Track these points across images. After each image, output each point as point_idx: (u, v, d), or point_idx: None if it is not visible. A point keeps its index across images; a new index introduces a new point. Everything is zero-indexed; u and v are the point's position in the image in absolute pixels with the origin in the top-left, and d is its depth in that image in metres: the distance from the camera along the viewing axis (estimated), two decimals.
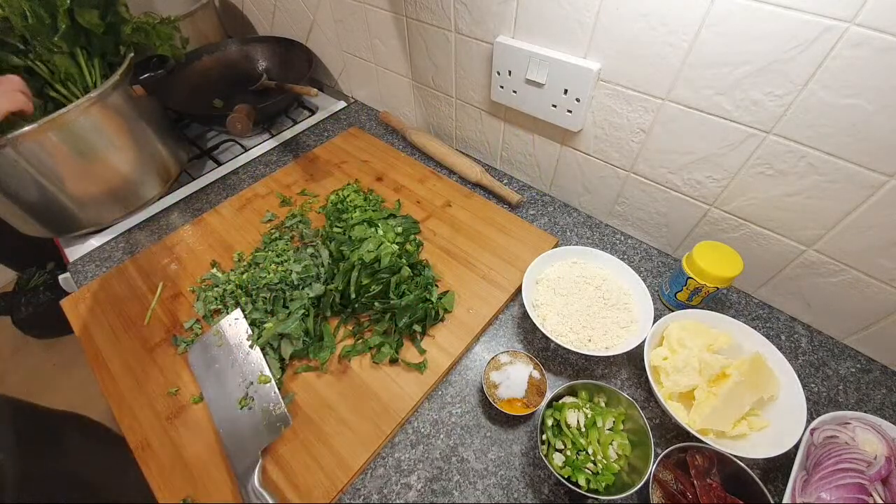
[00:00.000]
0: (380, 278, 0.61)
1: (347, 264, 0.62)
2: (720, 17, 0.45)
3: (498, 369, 0.54)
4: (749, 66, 0.46)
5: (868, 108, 0.42)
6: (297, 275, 0.64)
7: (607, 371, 0.58)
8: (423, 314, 0.59)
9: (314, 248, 0.69)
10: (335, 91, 1.10)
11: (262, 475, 0.48)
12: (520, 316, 0.64)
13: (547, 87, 0.63)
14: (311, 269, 0.65)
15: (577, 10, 0.54)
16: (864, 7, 0.38)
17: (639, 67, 0.54)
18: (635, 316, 0.58)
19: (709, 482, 0.43)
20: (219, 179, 0.87)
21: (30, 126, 0.59)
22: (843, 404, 0.54)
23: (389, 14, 0.78)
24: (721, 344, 0.53)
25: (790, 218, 0.54)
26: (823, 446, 0.46)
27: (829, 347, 0.59)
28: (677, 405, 0.52)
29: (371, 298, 0.60)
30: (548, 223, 0.76)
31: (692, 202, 0.61)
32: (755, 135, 0.50)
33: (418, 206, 0.77)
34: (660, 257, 0.70)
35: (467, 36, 0.69)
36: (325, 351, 0.58)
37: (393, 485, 0.50)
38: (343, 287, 0.61)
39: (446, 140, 0.91)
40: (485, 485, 0.49)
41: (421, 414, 0.55)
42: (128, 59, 0.71)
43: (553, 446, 0.48)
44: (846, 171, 0.46)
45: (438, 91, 0.83)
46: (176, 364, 0.59)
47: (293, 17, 1.02)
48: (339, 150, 0.90)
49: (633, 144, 0.61)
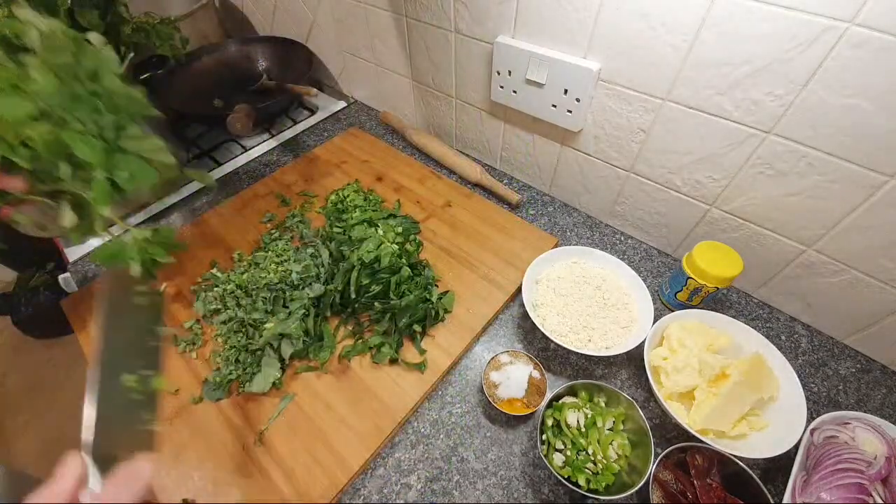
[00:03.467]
0: (380, 278, 0.61)
1: (347, 264, 0.62)
2: (720, 18, 0.45)
3: (498, 369, 0.54)
4: (749, 67, 0.46)
5: (868, 108, 0.42)
6: (298, 275, 0.64)
7: (607, 371, 0.58)
8: (422, 314, 0.59)
9: (314, 247, 0.69)
10: (335, 91, 1.10)
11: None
12: (520, 316, 0.64)
13: (547, 87, 0.62)
14: (312, 269, 0.65)
15: (577, 10, 0.54)
16: (864, 7, 0.38)
17: (639, 67, 0.54)
18: (635, 316, 0.58)
19: (709, 482, 0.43)
20: (218, 179, 0.87)
21: None
22: (843, 404, 0.54)
23: (389, 14, 0.78)
24: (721, 344, 0.53)
25: (790, 218, 0.54)
26: (823, 446, 0.46)
27: (829, 347, 0.59)
28: (677, 405, 0.52)
29: (371, 298, 0.60)
30: (548, 223, 0.76)
31: (692, 202, 0.61)
32: (755, 135, 0.50)
33: (418, 206, 0.77)
34: (660, 257, 0.70)
35: (467, 36, 0.69)
36: (325, 351, 0.58)
37: (393, 485, 0.50)
38: (343, 287, 0.61)
39: (446, 140, 0.91)
40: (485, 485, 0.49)
41: (421, 414, 0.55)
42: (128, 59, 0.71)
43: (553, 446, 0.48)
44: (846, 171, 0.46)
45: (438, 91, 0.83)
46: (176, 364, 0.59)
47: (293, 17, 1.02)
48: (339, 150, 0.90)
49: (633, 144, 0.61)
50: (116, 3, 0.71)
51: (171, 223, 0.79)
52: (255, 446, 0.52)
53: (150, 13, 0.82)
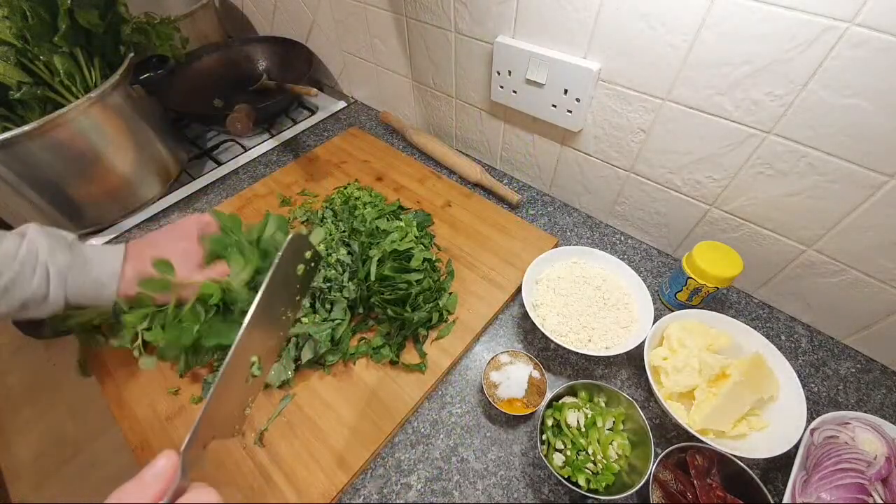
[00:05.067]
0: (402, 267, 0.59)
1: (377, 249, 0.60)
2: (720, 18, 0.45)
3: (498, 369, 0.54)
4: (749, 67, 0.46)
5: (868, 108, 0.42)
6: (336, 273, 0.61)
7: (607, 371, 0.58)
8: (428, 318, 0.59)
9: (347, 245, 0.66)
10: (335, 91, 1.10)
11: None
12: (520, 316, 0.64)
13: (547, 87, 0.62)
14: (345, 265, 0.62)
15: (577, 10, 0.54)
16: (864, 7, 0.38)
17: (639, 67, 0.54)
18: (635, 316, 0.58)
19: (709, 482, 0.43)
20: (219, 179, 0.87)
21: (29, 126, 0.59)
22: (843, 404, 0.54)
23: (389, 14, 0.78)
24: (721, 344, 0.53)
25: (790, 218, 0.54)
26: (823, 446, 0.46)
27: (829, 347, 0.59)
28: (677, 405, 0.52)
29: (385, 302, 0.58)
30: (548, 223, 0.76)
31: (692, 202, 0.61)
32: (755, 135, 0.50)
33: (418, 206, 0.77)
34: (660, 257, 0.70)
35: (467, 36, 0.69)
36: (335, 356, 0.57)
37: (393, 485, 0.50)
38: (364, 275, 0.59)
39: (446, 140, 0.91)
40: (485, 485, 0.49)
41: (421, 414, 0.55)
42: (128, 59, 0.71)
43: (553, 446, 0.48)
44: (846, 171, 0.46)
45: (438, 91, 0.83)
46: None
47: (293, 17, 1.02)
48: (339, 150, 0.90)
49: (633, 144, 0.61)
50: (116, 3, 0.71)
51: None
52: (255, 446, 0.52)
53: (150, 13, 0.82)
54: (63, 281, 0.47)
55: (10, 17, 0.62)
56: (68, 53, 0.66)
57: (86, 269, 0.49)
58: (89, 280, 0.48)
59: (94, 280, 0.49)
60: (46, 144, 0.63)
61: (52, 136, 0.62)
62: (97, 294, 0.49)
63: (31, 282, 0.45)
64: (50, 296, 0.47)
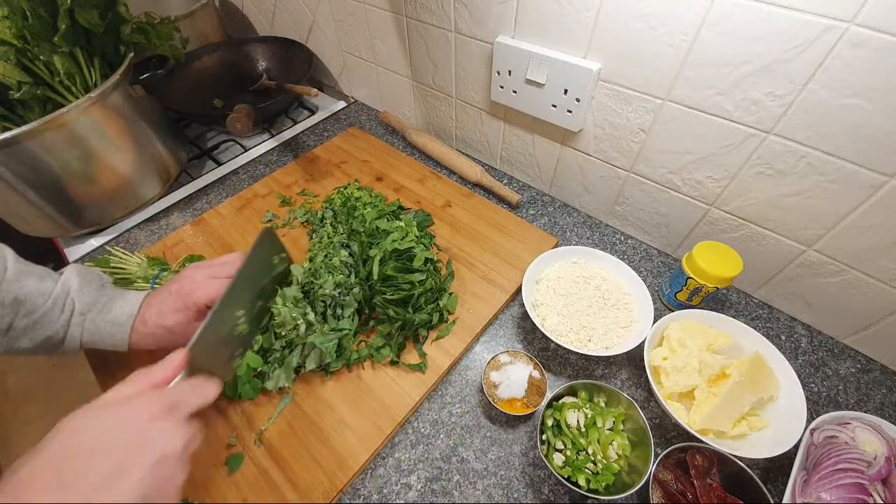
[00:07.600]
0: (404, 267, 0.59)
1: (377, 249, 0.59)
2: (720, 18, 0.45)
3: (498, 369, 0.54)
4: (749, 66, 0.46)
5: (868, 108, 0.42)
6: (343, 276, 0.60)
7: (607, 371, 0.58)
8: (429, 319, 0.59)
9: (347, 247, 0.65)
10: (335, 91, 1.10)
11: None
12: (520, 316, 0.64)
13: (547, 87, 0.62)
14: (348, 268, 0.62)
15: (577, 11, 0.54)
16: (864, 7, 0.38)
17: (639, 67, 0.54)
18: (635, 316, 0.58)
19: (709, 482, 0.43)
20: (219, 179, 0.87)
21: (29, 126, 0.59)
22: (843, 404, 0.54)
23: (389, 14, 0.78)
24: (721, 344, 0.53)
25: (790, 218, 0.54)
26: (823, 446, 0.46)
27: (829, 347, 0.59)
28: (677, 405, 0.52)
29: (388, 303, 0.57)
30: (548, 223, 0.76)
31: (692, 202, 0.61)
32: (755, 135, 0.50)
33: (418, 207, 0.77)
34: (660, 257, 0.70)
35: (467, 36, 0.69)
36: (338, 362, 0.56)
37: (393, 485, 0.50)
38: (366, 275, 0.58)
39: (446, 140, 0.91)
40: (485, 485, 0.49)
41: (421, 414, 0.55)
42: (128, 59, 0.71)
43: (553, 446, 0.48)
44: (846, 171, 0.46)
45: (438, 91, 0.83)
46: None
47: (293, 17, 1.02)
48: (339, 150, 0.90)
49: (633, 144, 0.61)
50: (116, 3, 0.71)
51: (171, 223, 0.79)
52: (255, 446, 0.52)
53: (150, 13, 0.82)
54: (82, 320, 0.49)
55: (10, 17, 0.62)
56: (68, 53, 0.66)
57: (106, 308, 0.50)
58: (106, 320, 0.49)
59: (111, 321, 0.49)
60: (46, 144, 0.63)
61: (52, 136, 0.62)
62: (112, 334, 0.50)
63: (59, 320, 0.47)
64: (67, 338, 0.49)
